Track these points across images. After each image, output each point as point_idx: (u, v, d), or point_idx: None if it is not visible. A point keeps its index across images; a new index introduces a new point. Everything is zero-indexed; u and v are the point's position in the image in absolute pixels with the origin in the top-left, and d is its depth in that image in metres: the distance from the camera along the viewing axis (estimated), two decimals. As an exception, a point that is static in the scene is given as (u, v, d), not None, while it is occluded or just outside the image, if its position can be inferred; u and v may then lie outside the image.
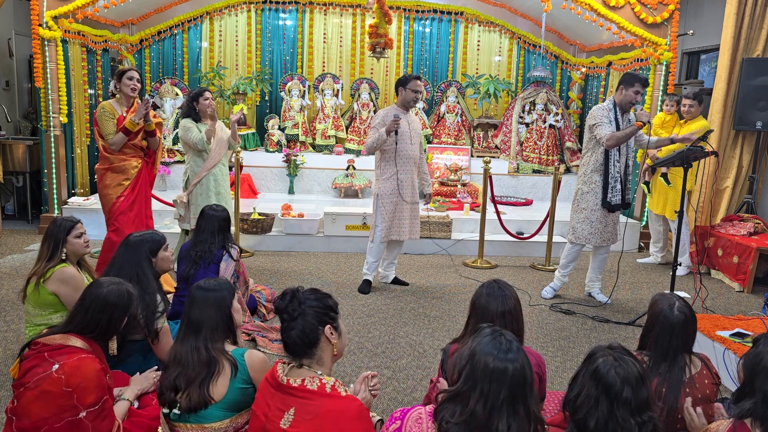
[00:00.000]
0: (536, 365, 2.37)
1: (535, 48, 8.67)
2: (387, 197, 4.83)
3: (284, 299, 2.01)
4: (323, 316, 2.02)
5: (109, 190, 4.41)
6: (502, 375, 1.65)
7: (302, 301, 2.00)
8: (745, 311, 4.81)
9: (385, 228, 4.85)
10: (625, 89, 4.61)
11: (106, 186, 4.42)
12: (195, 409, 2.14)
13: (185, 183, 4.89)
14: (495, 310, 2.34)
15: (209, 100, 4.81)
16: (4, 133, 7.03)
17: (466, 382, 1.70)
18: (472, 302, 2.45)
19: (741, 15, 6.01)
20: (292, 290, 2.04)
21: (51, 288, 3.02)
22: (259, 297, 4.33)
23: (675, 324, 2.29)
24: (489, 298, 2.37)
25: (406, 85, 4.77)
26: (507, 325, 2.32)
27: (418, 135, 4.96)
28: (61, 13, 6.19)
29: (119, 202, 4.41)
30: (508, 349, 1.70)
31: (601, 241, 4.81)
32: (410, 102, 4.82)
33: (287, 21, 8.56)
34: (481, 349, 1.71)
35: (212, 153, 4.80)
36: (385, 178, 4.83)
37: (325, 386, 1.94)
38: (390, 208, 4.84)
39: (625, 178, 4.74)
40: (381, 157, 4.83)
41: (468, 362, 1.71)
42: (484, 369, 1.67)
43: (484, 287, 2.43)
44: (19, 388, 2.18)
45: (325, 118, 8.14)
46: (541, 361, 2.43)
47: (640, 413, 1.73)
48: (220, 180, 4.88)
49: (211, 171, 4.81)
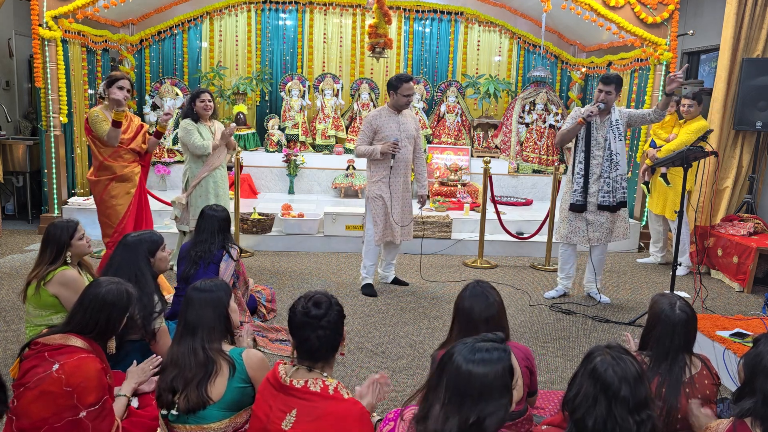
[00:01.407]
0: (524, 359, 2.38)
1: (535, 48, 8.67)
2: (379, 200, 4.78)
3: (321, 307, 2.01)
4: (343, 320, 2.07)
5: (118, 200, 4.32)
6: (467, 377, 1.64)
7: (334, 307, 2.03)
8: (745, 311, 4.81)
9: (378, 231, 4.81)
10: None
11: (113, 197, 4.32)
12: (193, 410, 2.14)
13: (185, 184, 4.89)
14: (479, 315, 2.32)
15: (205, 102, 4.79)
16: (4, 133, 7.03)
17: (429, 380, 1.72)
18: (456, 306, 2.43)
19: (741, 15, 6.01)
20: (327, 298, 2.04)
21: (52, 291, 3.02)
22: (259, 297, 4.33)
23: (677, 323, 2.29)
24: (472, 300, 2.36)
25: (397, 90, 4.67)
26: (490, 329, 2.30)
27: (412, 136, 4.86)
28: (61, 13, 6.19)
29: (128, 214, 4.34)
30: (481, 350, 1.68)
31: (585, 240, 4.77)
32: (403, 106, 4.76)
33: (287, 21, 8.56)
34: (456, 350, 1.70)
35: (211, 155, 4.80)
36: (376, 180, 4.78)
37: (328, 388, 1.94)
38: (382, 211, 4.79)
39: (601, 180, 4.64)
40: (373, 160, 4.77)
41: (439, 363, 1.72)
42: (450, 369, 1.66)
43: (467, 290, 2.41)
44: (19, 388, 2.18)
45: (325, 118, 8.14)
46: (528, 354, 2.43)
47: (638, 412, 1.74)
48: (220, 182, 4.88)
49: (210, 173, 4.81)
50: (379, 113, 4.78)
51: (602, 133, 4.63)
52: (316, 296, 2.05)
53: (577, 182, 4.69)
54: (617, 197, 4.69)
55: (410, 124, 4.87)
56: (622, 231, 4.83)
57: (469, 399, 1.61)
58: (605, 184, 4.65)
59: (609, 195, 4.66)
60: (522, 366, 2.34)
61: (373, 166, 4.79)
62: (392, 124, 4.74)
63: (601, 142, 4.64)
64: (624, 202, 4.74)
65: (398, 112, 4.79)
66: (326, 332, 1.98)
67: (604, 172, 4.65)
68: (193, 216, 4.73)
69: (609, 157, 4.63)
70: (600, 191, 4.67)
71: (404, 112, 4.84)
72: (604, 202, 4.67)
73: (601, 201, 4.67)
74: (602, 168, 4.65)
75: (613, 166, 4.64)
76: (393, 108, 4.77)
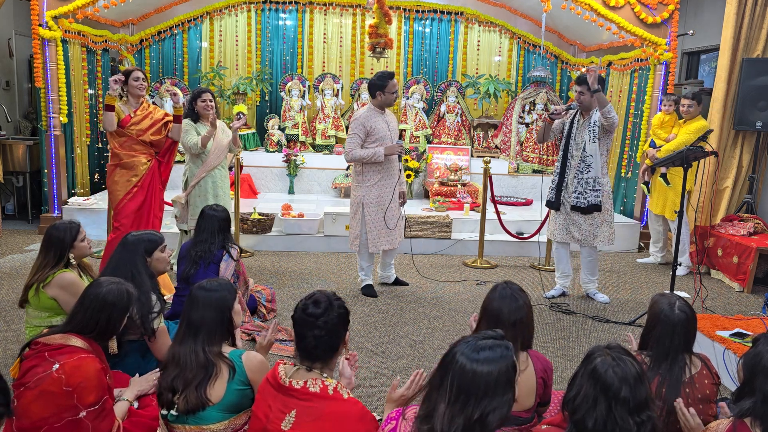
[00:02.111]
0: (542, 370, 2.36)
1: (535, 48, 8.67)
2: (373, 206, 4.69)
3: (319, 306, 2.00)
4: (346, 324, 2.04)
5: (118, 186, 4.40)
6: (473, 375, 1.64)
7: (334, 309, 2.01)
8: (745, 311, 4.81)
9: (372, 239, 4.73)
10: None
11: (114, 182, 4.42)
12: (192, 411, 2.13)
13: (184, 183, 4.90)
14: (507, 318, 2.30)
15: (206, 102, 4.80)
16: (4, 133, 7.03)
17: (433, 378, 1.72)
18: (484, 307, 2.40)
19: (741, 15, 6.00)
20: (327, 298, 2.03)
21: (50, 293, 3.02)
22: (259, 297, 4.33)
23: (677, 323, 2.29)
24: (501, 302, 2.33)
25: (384, 89, 4.60)
26: (517, 333, 2.30)
27: (397, 134, 4.85)
28: (61, 13, 6.18)
29: (126, 200, 4.38)
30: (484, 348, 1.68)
31: (569, 238, 4.84)
32: (391, 103, 4.71)
33: (287, 21, 8.56)
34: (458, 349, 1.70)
35: (210, 156, 4.81)
36: (369, 185, 4.67)
37: (328, 388, 1.94)
38: (376, 217, 4.72)
39: (576, 182, 4.66)
40: (364, 163, 4.66)
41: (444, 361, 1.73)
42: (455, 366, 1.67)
43: (497, 291, 2.38)
44: (19, 388, 2.18)
45: (325, 118, 8.14)
46: (548, 367, 2.41)
47: (638, 413, 1.73)
48: (219, 182, 4.88)
49: (209, 173, 4.82)
50: (367, 114, 4.65)
51: (582, 134, 4.66)
52: (317, 295, 2.04)
53: (553, 180, 4.84)
54: (589, 199, 4.66)
55: (394, 123, 4.85)
56: (607, 236, 4.76)
57: (474, 397, 1.61)
58: (579, 184, 4.68)
59: (581, 196, 4.68)
60: (538, 377, 2.33)
61: (364, 170, 4.67)
62: (382, 123, 4.67)
63: (579, 143, 4.68)
64: (597, 205, 4.66)
65: (383, 111, 4.74)
66: (322, 332, 1.97)
67: (578, 173, 4.68)
68: (192, 215, 4.75)
69: (582, 157, 4.65)
70: (575, 191, 4.71)
71: (387, 111, 4.79)
72: (576, 203, 4.71)
73: (574, 201, 4.72)
74: (577, 169, 4.68)
75: (585, 167, 4.64)
76: (379, 107, 4.70)
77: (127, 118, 4.36)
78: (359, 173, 4.72)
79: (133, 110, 4.41)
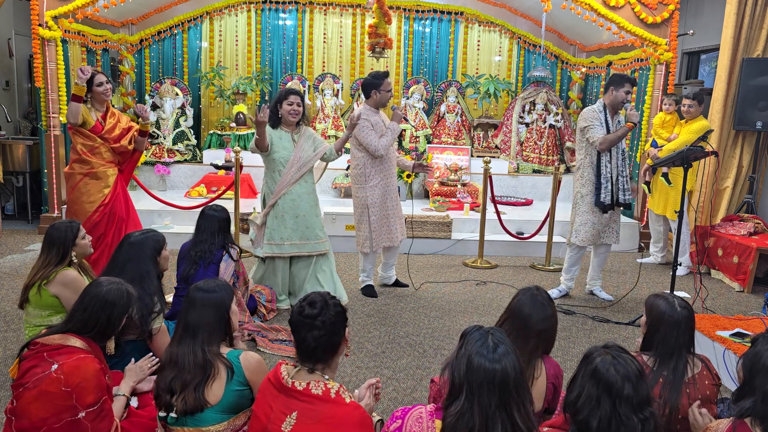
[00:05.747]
0: (554, 375, 2.36)
1: (535, 48, 8.67)
2: (377, 206, 4.69)
3: (315, 307, 1.99)
4: (344, 322, 2.04)
5: (90, 197, 4.13)
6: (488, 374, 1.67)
7: (330, 308, 2.01)
8: (745, 311, 4.80)
9: (376, 238, 4.74)
10: (615, 90, 4.64)
11: (83, 194, 4.11)
12: (190, 413, 2.12)
13: (262, 202, 4.45)
14: (535, 325, 2.31)
15: (293, 106, 4.20)
16: (4, 133, 7.03)
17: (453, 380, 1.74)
18: (512, 308, 2.38)
19: (741, 15, 6.00)
20: (322, 298, 2.03)
21: (53, 291, 3.02)
22: (259, 297, 4.33)
23: (680, 320, 2.30)
24: (533, 309, 2.33)
25: (379, 88, 4.60)
26: (541, 341, 2.32)
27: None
28: (61, 13, 6.19)
29: (98, 213, 4.14)
30: (494, 349, 1.72)
31: (601, 241, 4.84)
32: (386, 103, 4.71)
33: (287, 21, 8.56)
34: (471, 349, 1.72)
35: (286, 169, 4.28)
36: (372, 185, 4.67)
37: (330, 391, 1.93)
38: (380, 216, 4.73)
39: (618, 179, 4.72)
40: (365, 163, 4.64)
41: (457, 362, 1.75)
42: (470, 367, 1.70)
43: (528, 296, 2.37)
44: (19, 389, 2.17)
45: (325, 118, 8.14)
46: (559, 373, 2.40)
47: (641, 409, 1.74)
48: (299, 201, 4.31)
49: (288, 190, 4.30)
50: (367, 112, 4.65)
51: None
52: (312, 296, 2.04)
53: (606, 180, 4.68)
54: (628, 194, 4.80)
55: (388, 122, 4.84)
56: (620, 233, 4.95)
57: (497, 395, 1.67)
58: (624, 181, 4.75)
59: (627, 192, 4.77)
60: (549, 382, 2.33)
61: (366, 170, 4.66)
62: (380, 122, 4.69)
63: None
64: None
65: (377, 112, 4.74)
66: (321, 332, 1.96)
67: (621, 170, 4.73)
68: (268, 239, 4.32)
69: (621, 155, 4.73)
70: (621, 189, 4.75)
71: (380, 111, 4.80)
72: (623, 199, 4.76)
73: (622, 199, 4.75)
74: (619, 167, 4.72)
75: (624, 165, 4.75)
76: (374, 107, 4.71)
77: (99, 127, 4.13)
78: (361, 174, 4.70)
79: (101, 116, 4.18)
